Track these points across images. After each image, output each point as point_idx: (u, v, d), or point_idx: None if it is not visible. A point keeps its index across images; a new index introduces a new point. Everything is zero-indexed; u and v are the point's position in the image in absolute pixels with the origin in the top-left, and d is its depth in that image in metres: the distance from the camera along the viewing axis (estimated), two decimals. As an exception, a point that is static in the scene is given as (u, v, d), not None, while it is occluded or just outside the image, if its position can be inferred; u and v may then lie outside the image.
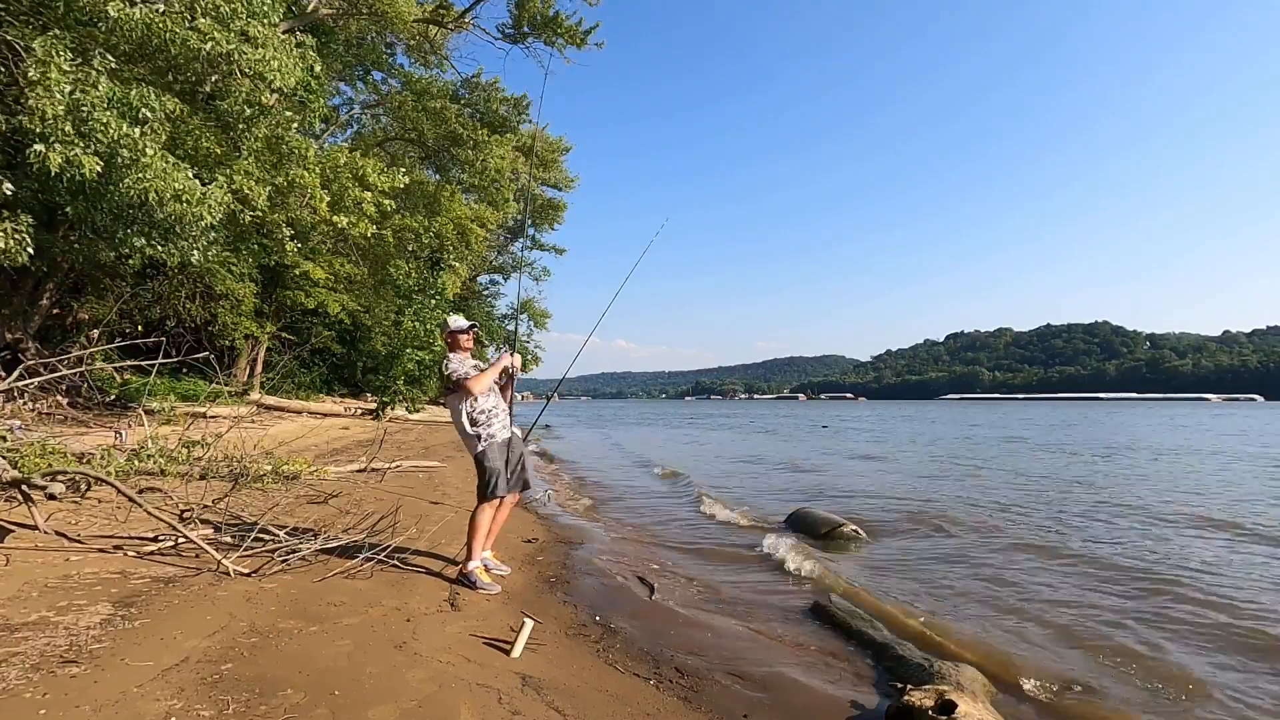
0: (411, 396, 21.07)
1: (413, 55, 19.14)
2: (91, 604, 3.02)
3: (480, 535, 4.01)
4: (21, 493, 4.13)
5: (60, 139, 5.85)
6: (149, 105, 6.45)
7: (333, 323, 22.03)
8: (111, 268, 11.96)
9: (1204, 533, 7.04)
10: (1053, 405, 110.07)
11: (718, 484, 10.88)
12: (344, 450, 10.93)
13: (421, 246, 17.89)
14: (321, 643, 2.79)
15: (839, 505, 8.38)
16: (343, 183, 10.09)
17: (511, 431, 4.19)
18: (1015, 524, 7.43)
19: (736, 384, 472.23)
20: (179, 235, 7.55)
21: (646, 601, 4.34)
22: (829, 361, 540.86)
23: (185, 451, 5.78)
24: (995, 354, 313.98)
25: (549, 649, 3.24)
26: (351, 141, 20.91)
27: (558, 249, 35.95)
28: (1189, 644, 3.87)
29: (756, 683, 3.15)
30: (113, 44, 6.70)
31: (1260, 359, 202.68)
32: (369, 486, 7.18)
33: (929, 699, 2.64)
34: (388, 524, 4.64)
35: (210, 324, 16.41)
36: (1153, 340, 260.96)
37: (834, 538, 6.47)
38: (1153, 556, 5.92)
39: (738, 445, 21.34)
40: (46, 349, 12.12)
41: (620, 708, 2.70)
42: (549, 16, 16.45)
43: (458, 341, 4.20)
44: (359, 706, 2.26)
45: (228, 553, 3.78)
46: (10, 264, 6.70)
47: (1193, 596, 4.73)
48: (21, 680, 2.24)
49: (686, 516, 7.89)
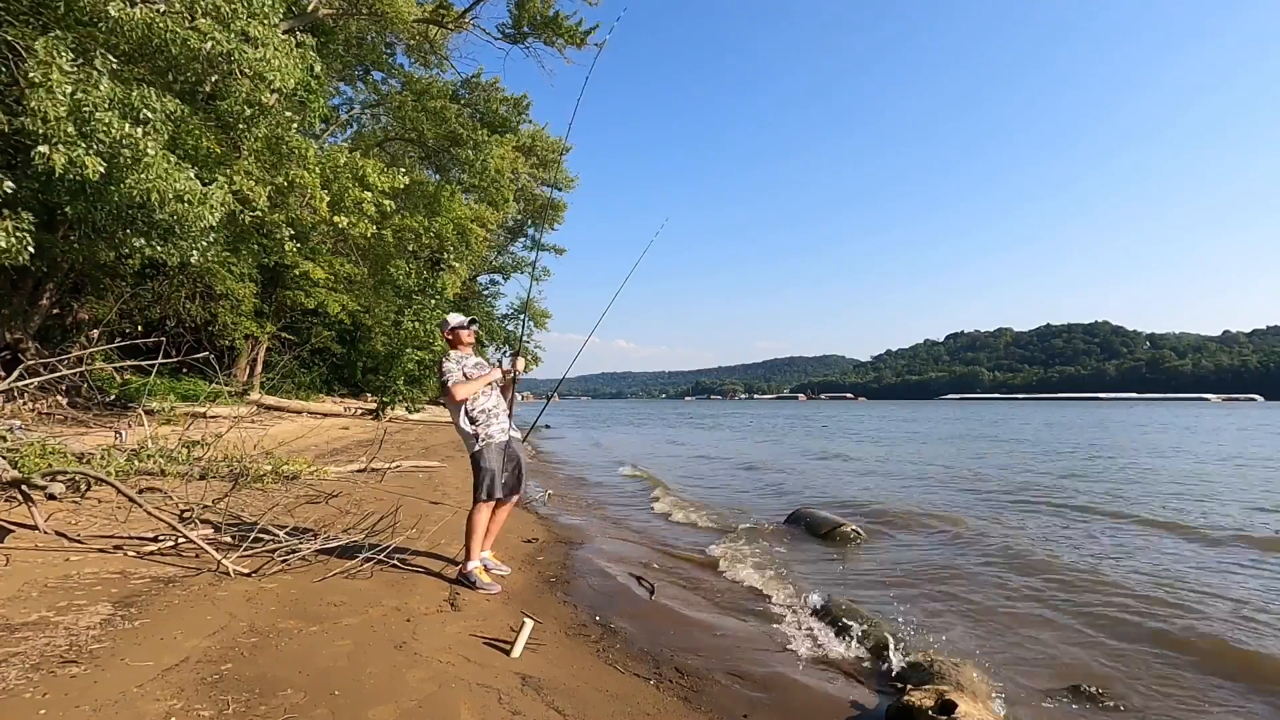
0: (411, 396, 21.07)
1: (413, 55, 19.14)
2: (91, 604, 3.02)
3: (478, 535, 3.99)
4: (21, 493, 4.13)
5: (63, 140, 5.84)
6: (150, 105, 6.45)
7: (333, 323, 22.02)
8: (111, 268, 11.96)
9: (1189, 540, 7.02)
10: (1052, 405, 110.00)
11: (689, 485, 10.76)
12: (344, 450, 10.92)
13: (421, 246, 17.91)
14: (321, 643, 2.79)
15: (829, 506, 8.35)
16: (343, 183, 10.09)
17: (510, 434, 4.12)
18: (1013, 522, 7.43)
19: (736, 384, 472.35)
20: (179, 235, 7.55)
21: (646, 601, 4.34)
22: (829, 361, 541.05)
23: (185, 451, 5.79)
24: (995, 354, 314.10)
25: (549, 649, 3.24)
26: (351, 141, 20.91)
27: (558, 249, 35.97)
28: (1190, 648, 3.87)
29: (756, 682, 3.15)
30: (113, 44, 6.70)
31: (1260, 359, 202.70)
32: (369, 486, 7.18)
33: (929, 699, 2.64)
34: (388, 524, 4.64)
35: (210, 324, 16.40)
36: (1153, 340, 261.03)
37: (834, 538, 6.49)
38: (1145, 563, 5.92)
39: (727, 446, 21.28)
40: (46, 349, 12.12)
41: (620, 708, 2.70)
42: (549, 16, 16.47)
43: (459, 338, 4.15)
44: (359, 706, 2.26)
45: (228, 553, 3.78)
46: (11, 263, 6.70)
47: (1193, 605, 4.73)
48: (21, 680, 2.24)
49: (642, 518, 7.77)
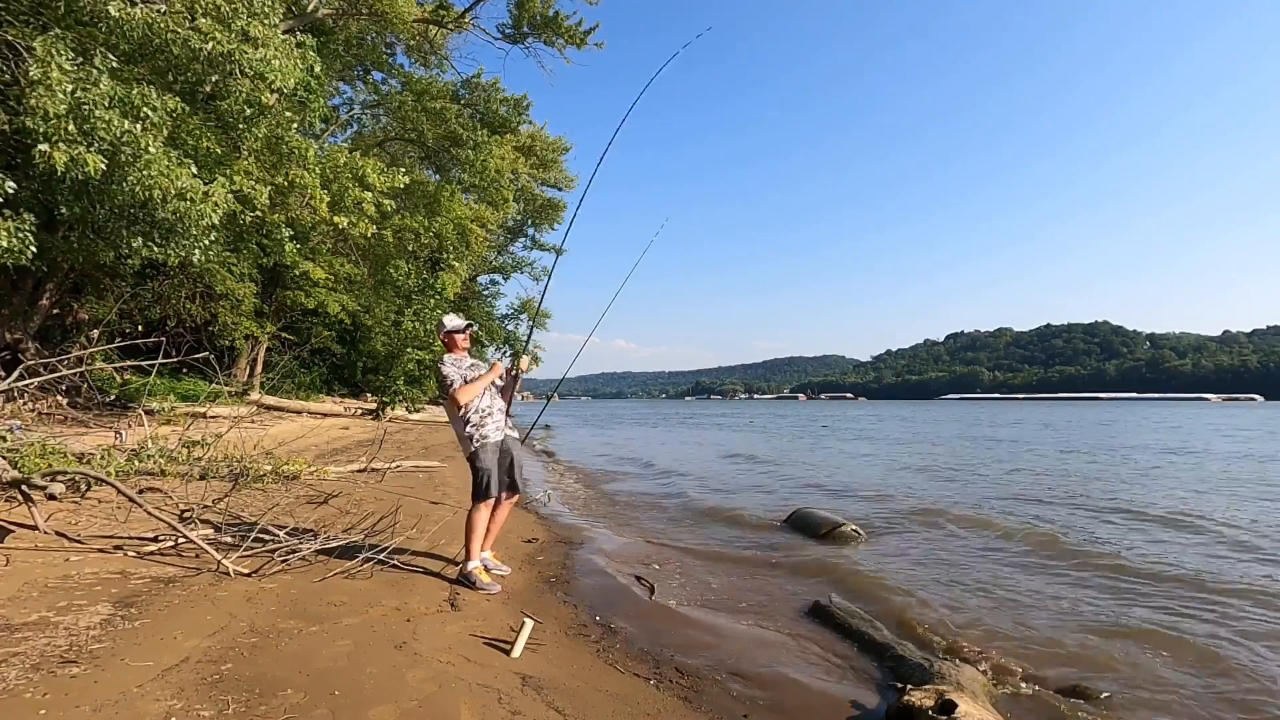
0: (411, 396, 21.08)
1: (413, 55, 19.16)
2: (91, 604, 3.02)
3: (477, 535, 4.00)
4: (21, 493, 4.13)
5: (63, 138, 5.84)
6: (150, 104, 6.44)
7: (333, 323, 22.00)
8: (111, 268, 11.95)
9: (1195, 534, 7.04)
10: (1053, 405, 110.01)
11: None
12: (344, 450, 10.92)
13: (421, 246, 17.91)
14: (321, 643, 2.79)
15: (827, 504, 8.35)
16: (343, 183, 10.08)
17: (506, 433, 4.15)
18: (1006, 521, 7.44)
19: (736, 384, 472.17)
20: (179, 235, 7.54)
21: (646, 601, 4.34)
22: (829, 361, 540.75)
23: (185, 451, 5.80)
24: (995, 354, 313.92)
25: (549, 649, 3.24)
26: (351, 141, 20.92)
27: (558, 249, 35.94)
28: (1190, 648, 3.87)
29: (756, 682, 3.15)
30: (114, 44, 6.70)
31: (1260, 359, 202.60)
32: (369, 487, 7.18)
33: (929, 699, 2.64)
34: (388, 524, 4.64)
35: (210, 324, 16.39)
36: (1153, 340, 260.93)
37: (834, 538, 6.48)
38: (1152, 557, 5.92)
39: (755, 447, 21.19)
40: (46, 349, 12.13)
41: (620, 708, 2.70)
42: (549, 16, 16.47)
43: (454, 342, 4.16)
44: (359, 706, 2.26)
45: (228, 553, 3.78)
46: (14, 263, 6.69)
47: (1198, 596, 4.73)
48: (21, 680, 2.24)
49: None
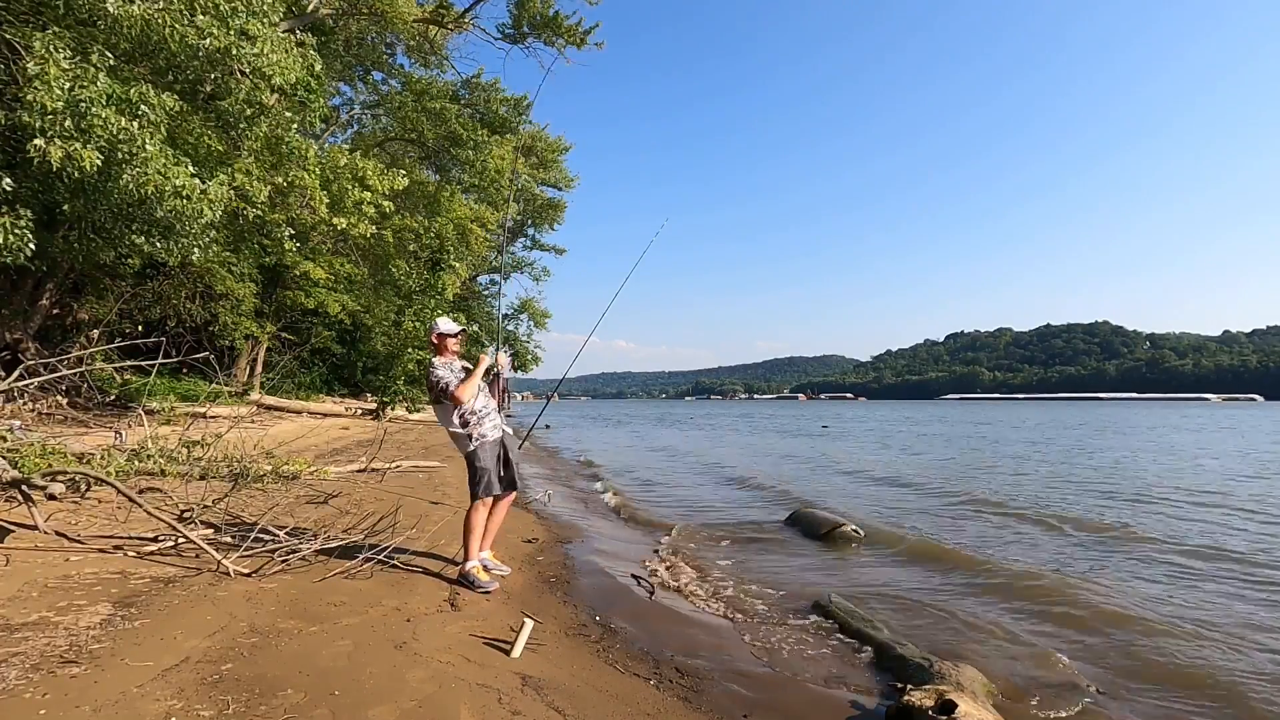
0: (411, 396, 21.03)
1: (413, 55, 19.11)
2: (91, 604, 3.01)
3: (476, 535, 4.01)
4: (21, 493, 4.13)
5: (60, 133, 5.84)
6: (148, 102, 6.44)
7: (333, 323, 21.99)
8: (111, 268, 11.94)
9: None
10: (1053, 405, 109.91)
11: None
12: (344, 450, 10.92)
13: (421, 247, 17.88)
14: (321, 643, 2.79)
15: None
16: (343, 184, 10.06)
17: (502, 430, 4.17)
18: (1004, 517, 7.45)
19: (736, 384, 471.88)
20: (179, 233, 7.53)
21: (646, 601, 4.34)
22: (829, 361, 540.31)
23: (185, 451, 5.78)
24: (995, 354, 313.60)
25: (549, 649, 3.24)
26: (351, 141, 20.90)
27: (558, 249, 35.84)
28: (1190, 648, 3.86)
29: (756, 682, 3.15)
30: (112, 43, 6.69)
31: (1260, 359, 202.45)
32: (369, 487, 7.18)
33: (929, 699, 2.64)
34: (387, 524, 4.64)
35: (210, 324, 16.39)
36: (1153, 340, 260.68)
37: (833, 538, 6.48)
38: (1150, 569, 5.92)
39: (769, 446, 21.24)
40: (46, 349, 12.11)
41: (620, 708, 2.70)
42: (549, 16, 16.44)
43: (445, 345, 4.13)
44: (359, 706, 2.25)
45: (228, 553, 3.78)
46: (12, 260, 6.68)
47: (1196, 597, 4.73)
48: (21, 680, 2.24)
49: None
